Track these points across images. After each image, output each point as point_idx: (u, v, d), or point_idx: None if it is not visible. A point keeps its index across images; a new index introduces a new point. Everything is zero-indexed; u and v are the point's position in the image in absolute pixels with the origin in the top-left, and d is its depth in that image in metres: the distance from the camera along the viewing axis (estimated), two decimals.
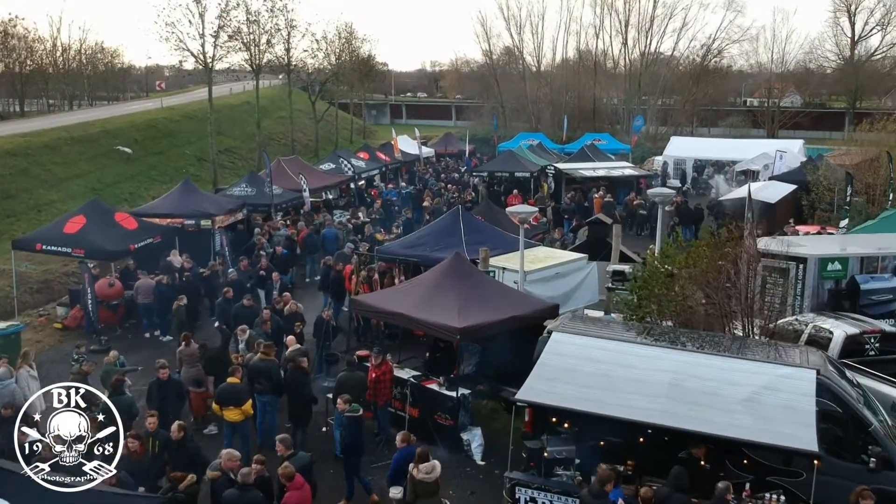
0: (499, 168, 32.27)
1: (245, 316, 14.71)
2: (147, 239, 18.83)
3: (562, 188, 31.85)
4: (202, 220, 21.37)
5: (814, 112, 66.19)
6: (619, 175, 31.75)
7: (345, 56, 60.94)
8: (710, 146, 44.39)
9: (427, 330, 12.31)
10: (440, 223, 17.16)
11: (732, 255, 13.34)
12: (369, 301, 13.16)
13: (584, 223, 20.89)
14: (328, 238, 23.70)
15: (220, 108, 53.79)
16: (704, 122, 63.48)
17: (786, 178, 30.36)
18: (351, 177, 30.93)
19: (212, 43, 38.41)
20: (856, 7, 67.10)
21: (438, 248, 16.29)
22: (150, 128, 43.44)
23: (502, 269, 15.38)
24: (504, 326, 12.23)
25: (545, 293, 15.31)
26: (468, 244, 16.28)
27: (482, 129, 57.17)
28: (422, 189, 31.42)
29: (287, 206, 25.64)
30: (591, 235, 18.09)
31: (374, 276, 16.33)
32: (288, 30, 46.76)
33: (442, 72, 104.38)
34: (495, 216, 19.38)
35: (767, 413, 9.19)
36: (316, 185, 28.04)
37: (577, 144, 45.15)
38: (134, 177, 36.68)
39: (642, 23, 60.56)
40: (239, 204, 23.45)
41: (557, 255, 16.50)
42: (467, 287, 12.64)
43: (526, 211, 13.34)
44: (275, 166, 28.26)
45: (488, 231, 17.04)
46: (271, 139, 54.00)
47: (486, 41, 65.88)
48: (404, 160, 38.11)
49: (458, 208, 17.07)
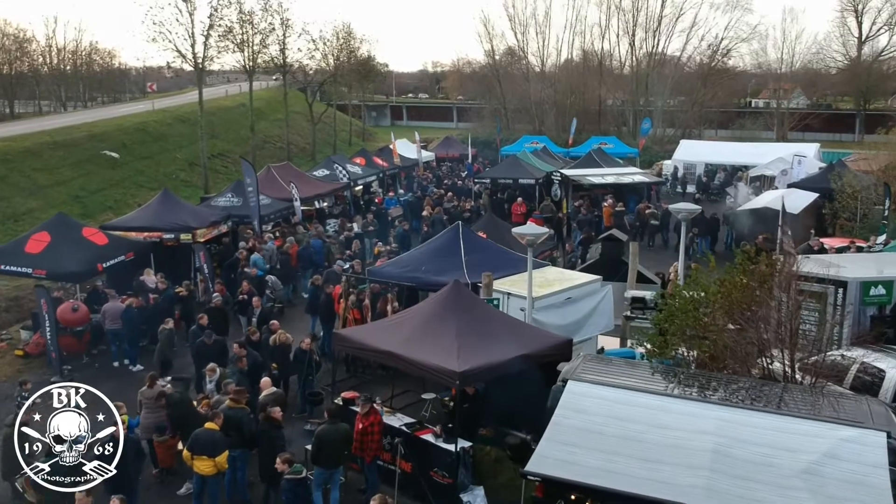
0: (502, 174, 30.62)
1: (207, 354, 13.06)
2: (118, 257, 17.20)
3: (568, 195, 30.20)
4: (182, 234, 19.75)
5: (824, 114, 64.49)
6: (629, 182, 30.09)
7: (343, 57, 59.37)
8: (722, 150, 42.65)
9: (422, 373, 10.66)
10: (438, 241, 15.52)
11: (768, 277, 11.73)
12: (355, 336, 11.51)
13: (597, 238, 19.31)
14: (315, 249, 22.18)
15: (215, 110, 52.25)
16: (711, 123, 61.80)
17: (805, 186, 28.73)
18: (346, 184, 29.27)
19: (202, 43, 36.77)
20: (863, 7, 65.83)
21: (436, 271, 14.66)
22: (139, 131, 41.84)
23: (507, 295, 13.76)
24: (511, 367, 10.59)
25: (555, 321, 13.70)
26: (469, 266, 14.65)
27: (484, 132, 55.54)
28: (420, 197, 29.79)
29: (276, 216, 23.99)
30: (605, 253, 16.45)
31: (364, 301, 14.69)
32: (283, 29, 45.24)
33: (444, 72, 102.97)
34: (499, 231, 17.74)
35: (832, 490, 7.57)
36: (308, 194, 26.41)
37: (583, 148, 43.50)
38: (120, 183, 35.08)
39: (650, 23, 58.91)
40: (223, 216, 21.82)
41: (568, 277, 14.85)
42: (468, 321, 11.00)
43: (534, 233, 11.68)
44: (263, 174, 26.70)
45: (491, 250, 15.40)
46: (267, 142, 52.43)
47: (489, 41, 64.27)
48: (403, 165, 36.42)
49: (458, 225, 15.42)
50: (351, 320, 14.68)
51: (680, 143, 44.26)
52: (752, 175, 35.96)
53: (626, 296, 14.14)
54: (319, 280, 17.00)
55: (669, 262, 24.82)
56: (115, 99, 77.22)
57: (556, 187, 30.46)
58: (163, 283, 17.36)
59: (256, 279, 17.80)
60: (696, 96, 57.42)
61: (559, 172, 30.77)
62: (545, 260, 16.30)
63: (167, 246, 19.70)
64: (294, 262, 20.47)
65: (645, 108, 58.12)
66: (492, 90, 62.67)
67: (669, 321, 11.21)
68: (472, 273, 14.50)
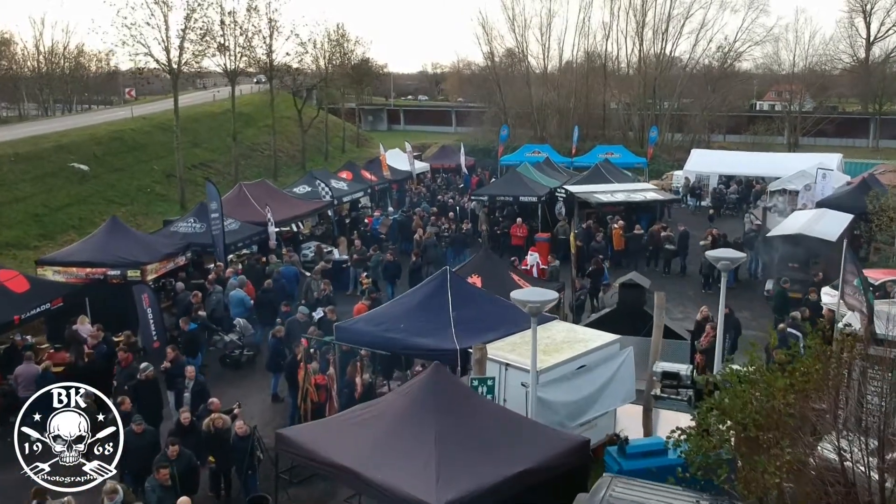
0: (501, 192, 27.82)
1: (136, 449, 10.05)
2: (41, 305, 14.45)
3: (573, 214, 27.47)
4: (129, 271, 17.05)
5: (838, 118, 61.75)
6: (641, 199, 27.33)
7: (336, 60, 56.71)
8: (736, 160, 39.88)
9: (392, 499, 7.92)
10: (421, 292, 12.77)
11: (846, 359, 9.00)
12: (303, 440, 8.75)
13: (591, 271, 16.68)
14: (287, 278, 19.50)
15: (199, 116, 49.56)
16: (720, 128, 59.07)
17: (837, 205, 25.97)
18: (329, 202, 26.51)
19: (178, 46, 34.05)
20: (871, 7, 63.34)
21: (418, 330, 11.96)
22: (113, 140, 39.09)
23: (505, 367, 11.04)
24: (508, 490, 7.91)
25: (565, 398, 11.01)
26: (458, 324, 11.94)
27: (484, 139, 52.80)
28: (410, 216, 27.02)
29: (246, 243, 21.27)
30: (624, 301, 13.74)
31: (330, 370, 11.97)
32: (270, 31, 42.54)
33: (443, 74, 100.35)
34: (495, 272, 14.99)
35: None
36: (285, 215, 23.67)
37: (588, 158, 40.80)
38: (87, 199, 32.36)
39: (658, 24, 56.12)
40: (181, 245, 19.09)
41: (581, 338, 12.11)
42: (451, 424, 8.32)
43: (538, 299, 8.95)
44: (234, 194, 24.02)
45: (485, 303, 12.68)
46: (253, 150, 49.71)
47: (488, 43, 61.51)
48: (394, 178, 33.61)
49: (446, 272, 12.66)
50: (312, 391, 11.98)
51: (691, 152, 41.47)
52: (772, 189, 33.26)
53: (655, 369, 11.43)
54: (281, 332, 14.30)
55: (689, 296, 22.20)
56: (109, 103, 74.55)
57: (561, 205, 27.71)
58: (97, 333, 14.57)
59: (189, 334, 14.87)
60: (706, 101, 54.64)
61: (564, 189, 28.01)
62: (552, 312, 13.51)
63: (113, 285, 17.00)
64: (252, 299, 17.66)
65: (652, 112, 55.39)
66: (491, 95, 59.94)
67: (721, 420, 8.48)
68: (463, 334, 11.80)
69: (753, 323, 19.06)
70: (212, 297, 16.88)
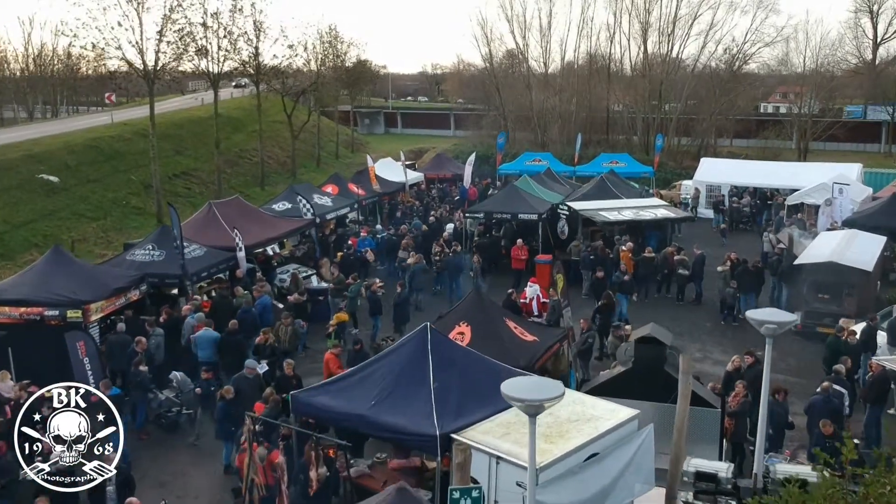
0: (498, 208, 25.51)
1: None
2: None
3: (577, 233, 25.28)
4: (69, 311, 14.84)
5: (850, 122, 59.50)
6: (651, 217, 25.07)
7: (328, 62, 54.51)
8: (748, 170, 37.58)
9: None
10: (398, 355, 10.50)
11: None
12: None
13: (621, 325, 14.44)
14: (264, 309, 17.36)
15: (184, 122, 47.36)
16: (727, 133, 56.74)
17: (865, 224, 23.74)
18: (310, 220, 24.25)
19: (154, 49, 31.83)
20: (879, 7, 61.19)
21: (390, 407, 9.75)
22: (89, 149, 36.88)
23: (496, 461, 8.82)
24: None
25: (571, 497, 8.80)
26: (440, 399, 9.72)
27: (482, 145, 50.60)
28: (399, 236, 24.79)
29: (211, 272, 19.03)
30: (641, 360, 11.50)
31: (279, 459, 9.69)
32: (256, 33, 40.33)
33: (444, 74, 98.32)
34: (488, 320, 12.71)
35: None
36: (259, 238, 21.40)
37: (592, 167, 38.53)
38: (55, 213, 30.13)
39: (664, 25, 53.81)
40: (135, 278, 16.83)
41: (590, 414, 9.88)
42: None
43: (539, 398, 6.74)
44: (203, 214, 21.77)
45: (473, 369, 10.43)
46: (241, 157, 47.48)
47: (487, 45, 59.23)
48: (384, 191, 31.30)
49: (426, 330, 10.40)
50: (260, 479, 9.73)
51: (701, 161, 39.20)
52: (789, 204, 31.03)
53: (687, 468, 9.20)
54: (230, 393, 12.07)
55: (707, 328, 19.78)
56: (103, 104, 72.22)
57: (563, 223, 25.48)
58: (21, 391, 12.35)
59: (114, 399, 12.02)
60: (715, 105, 52.38)
61: (566, 205, 25.76)
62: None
63: (51, 327, 14.79)
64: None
65: (658, 115, 53.11)
66: (490, 99, 57.75)
67: None
68: (446, 411, 9.62)
69: (781, 364, 16.79)
70: (150, 342, 14.62)
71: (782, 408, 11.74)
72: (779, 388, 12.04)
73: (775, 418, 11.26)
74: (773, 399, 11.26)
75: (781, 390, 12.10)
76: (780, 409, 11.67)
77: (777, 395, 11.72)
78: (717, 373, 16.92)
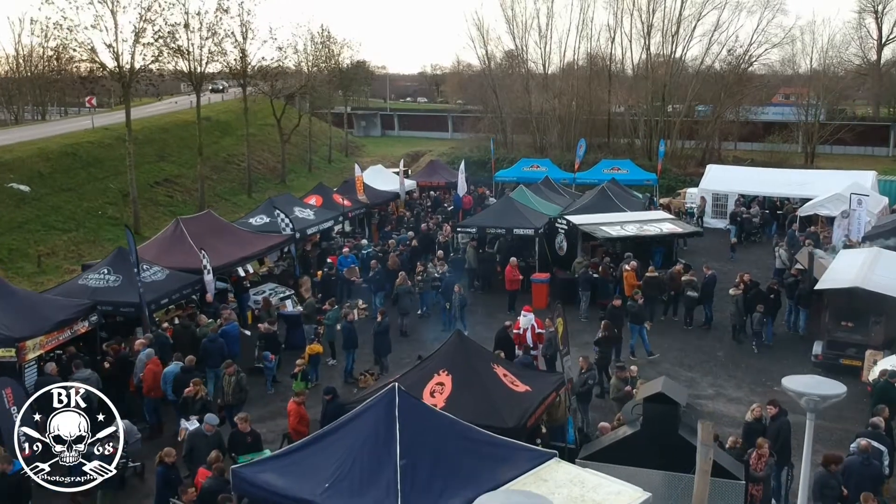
0: (491, 222, 23.76)
1: None
2: None
3: (577, 249, 23.57)
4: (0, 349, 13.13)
5: (859, 126, 57.69)
6: (657, 233, 23.32)
7: (321, 63, 52.89)
8: (757, 178, 35.60)
9: None
10: (361, 422, 8.72)
11: None
12: None
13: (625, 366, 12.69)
14: (230, 336, 15.76)
15: (169, 126, 45.68)
16: (731, 136, 55.00)
17: (884, 237, 22.06)
18: (290, 236, 22.50)
19: (129, 51, 30.15)
20: (884, 7, 59.64)
21: (348, 489, 8.01)
22: (65, 156, 35.18)
23: None
24: None
25: None
26: (406, 480, 7.98)
27: (478, 150, 48.91)
28: (386, 251, 23.07)
29: (174, 298, 17.29)
30: (650, 421, 9.76)
31: None
32: (243, 34, 38.69)
33: (443, 75, 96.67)
34: (472, 370, 10.89)
35: None
36: (231, 257, 19.65)
37: (593, 174, 36.71)
38: (23, 225, 28.45)
39: (668, 26, 52.03)
40: (84, 307, 15.07)
41: (590, 497, 8.14)
42: None
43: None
44: (170, 232, 20.03)
45: (449, 436, 8.67)
46: (228, 163, 45.80)
47: (484, 46, 57.49)
48: (373, 202, 29.47)
49: (394, 391, 8.66)
50: None
51: (707, 168, 37.43)
52: (801, 215, 29.27)
53: None
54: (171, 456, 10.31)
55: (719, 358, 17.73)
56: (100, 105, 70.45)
57: (562, 238, 23.74)
58: None
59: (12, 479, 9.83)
60: (720, 109, 50.66)
61: (565, 219, 24.03)
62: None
63: None
64: (150, 383, 13.71)
65: (661, 118, 51.34)
66: (487, 102, 56.04)
67: None
68: (413, 496, 7.86)
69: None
70: None
71: (836, 479, 9.82)
72: (833, 458, 10.08)
73: (825, 493, 9.45)
74: (825, 471, 9.51)
75: (837, 459, 10.17)
76: (834, 481, 9.75)
77: (831, 466, 9.84)
78: (730, 413, 15.24)
